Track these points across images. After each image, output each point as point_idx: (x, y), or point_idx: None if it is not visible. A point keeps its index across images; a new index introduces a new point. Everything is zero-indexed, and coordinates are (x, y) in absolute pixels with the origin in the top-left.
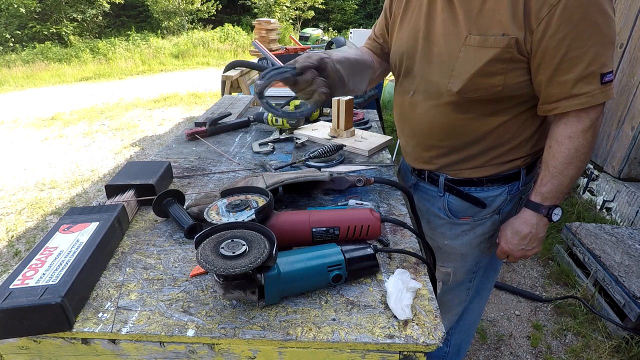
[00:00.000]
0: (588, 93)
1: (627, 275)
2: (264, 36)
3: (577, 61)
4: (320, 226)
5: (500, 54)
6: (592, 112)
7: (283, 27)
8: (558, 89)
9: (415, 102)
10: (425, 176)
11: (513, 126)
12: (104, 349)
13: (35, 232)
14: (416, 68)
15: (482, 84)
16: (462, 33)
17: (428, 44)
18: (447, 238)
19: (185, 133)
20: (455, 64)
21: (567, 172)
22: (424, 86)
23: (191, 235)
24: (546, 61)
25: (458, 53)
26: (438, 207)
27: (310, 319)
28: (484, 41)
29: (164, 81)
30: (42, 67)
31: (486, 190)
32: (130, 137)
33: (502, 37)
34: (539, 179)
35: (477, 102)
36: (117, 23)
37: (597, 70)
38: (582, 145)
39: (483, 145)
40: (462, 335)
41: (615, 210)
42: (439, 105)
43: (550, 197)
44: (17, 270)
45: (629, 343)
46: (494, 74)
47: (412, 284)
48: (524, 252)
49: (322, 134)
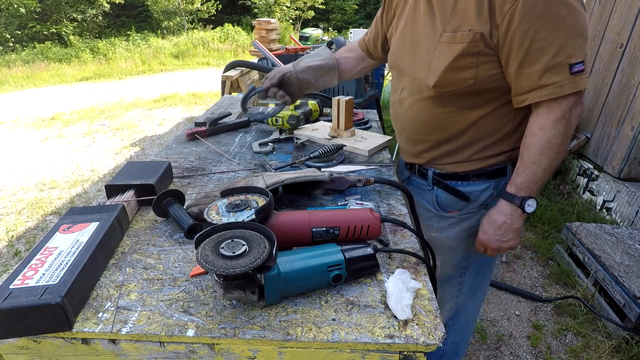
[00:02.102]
0: (556, 83)
1: (627, 275)
2: (264, 36)
3: (542, 53)
4: (320, 226)
5: (467, 48)
6: (562, 102)
7: (283, 27)
8: (526, 81)
9: (402, 98)
10: (416, 170)
11: (494, 119)
12: (104, 349)
13: (35, 232)
14: (405, 68)
15: (455, 77)
16: (438, 32)
17: (413, 44)
18: (435, 231)
19: (185, 133)
20: (431, 60)
21: (540, 162)
22: (409, 83)
23: (191, 235)
24: (513, 54)
25: (434, 50)
26: (427, 200)
27: (310, 319)
28: (454, 37)
29: (164, 81)
30: (42, 67)
31: (472, 185)
32: (130, 137)
33: (468, 32)
34: (515, 170)
35: (454, 95)
36: (117, 23)
37: (565, 61)
38: (553, 136)
39: (465, 138)
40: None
41: (615, 210)
42: (421, 100)
43: (524, 188)
44: (17, 270)
45: (629, 343)
46: (465, 68)
47: (412, 284)
48: (500, 244)
49: (322, 134)
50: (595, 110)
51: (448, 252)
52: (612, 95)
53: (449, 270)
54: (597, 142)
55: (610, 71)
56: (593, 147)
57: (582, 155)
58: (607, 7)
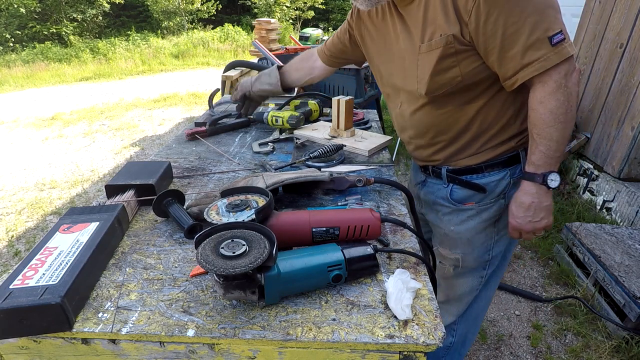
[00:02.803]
0: (540, 58)
1: (627, 275)
2: (264, 36)
3: (518, 35)
4: (320, 226)
5: (444, 51)
6: (553, 73)
7: (283, 27)
8: (510, 64)
9: (403, 111)
10: (430, 171)
11: (493, 108)
12: (104, 349)
13: (35, 232)
14: (399, 84)
15: (441, 80)
16: (416, 44)
17: (400, 61)
18: (453, 224)
19: (185, 133)
20: (417, 71)
21: (550, 135)
22: (405, 96)
23: (191, 235)
24: (490, 45)
25: (417, 62)
26: (442, 197)
27: (310, 319)
28: (430, 45)
29: (164, 81)
30: (42, 67)
31: (487, 176)
32: (130, 137)
33: (441, 37)
34: (529, 149)
35: (448, 95)
36: (117, 23)
37: (542, 35)
38: (555, 107)
39: (471, 132)
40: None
41: (615, 210)
42: (419, 107)
43: (542, 164)
44: (17, 270)
45: (629, 343)
46: (448, 69)
47: (412, 284)
48: (533, 225)
49: (322, 134)
50: (595, 110)
51: (468, 245)
52: (612, 95)
53: (470, 263)
54: (597, 142)
55: (610, 71)
56: (593, 147)
57: (582, 155)
58: (607, 7)
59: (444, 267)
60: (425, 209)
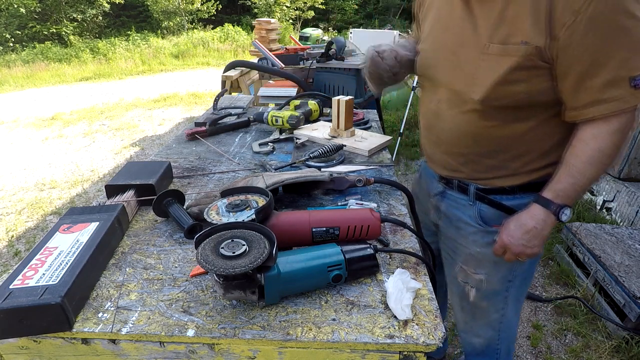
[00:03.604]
0: (617, 97)
1: (627, 275)
2: (264, 36)
3: (604, 66)
4: (320, 226)
5: (521, 62)
6: (622, 116)
7: (283, 27)
8: (585, 95)
9: (440, 110)
10: (454, 185)
11: (541, 132)
12: (104, 349)
13: (35, 232)
14: (439, 77)
15: (505, 91)
16: (482, 42)
17: (448, 53)
18: (479, 245)
19: (185, 133)
20: (476, 72)
21: (587, 172)
22: (447, 95)
23: (191, 235)
24: (572, 67)
25: (479, 62)
26: (469, 215)
27: (310, 319)
28: (504, 50)
29: (164, 81)
30: (42, 67)
31: (518, 198)
32: (130, 137)
33: (522, 45)
34: (556, 176)
35: (501, 108)
36: (117, 23)
37: (626, 74)
38: (607, 147)
39: (510, 151)
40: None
41: (615, 210)
42: (464, 113)
43: (563, 196)
44: (17, 270)
45: (629, 343)
46: (517, 82)
47: (412, 284)
48: (523, 249)
49: (322, 134)
50: None
51: (493, 266)
52: None
53: (494, 284)
54: None
55: None
56: None
57: None
58: None
59: (466, 288)
60: (445, 222)
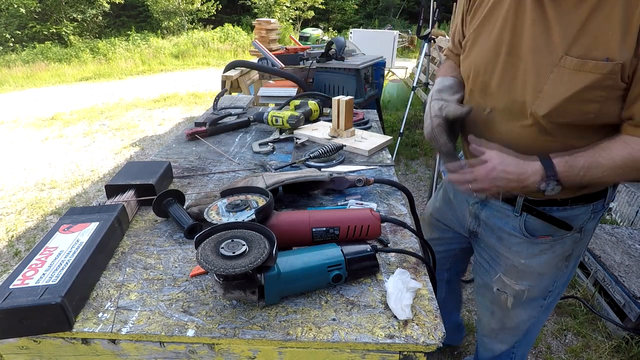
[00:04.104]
0: None
1: (627, 275)
2: (264, 36)
3: None
4: (320, 226)
5: (600, 80)
6: None
7: (283, 27)
8: None
9: (492, 120)
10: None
11: None
12: (104, 349)
13: (35, 232)
14: (495, 84)
15: (573, 110)
16: (556, 51)
17: (512, 58)
18: (524, 257)
19: (185, 133)
20: (544, 85)
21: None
22: (504, 104)
23: (191, 235)
24: None
25: (549, 73)
26: (512, 226)
27: (310, 319)
28: (583, 65)
29: (164, 81)
30: (42, 67)
31: (569, 210)
32: (130, 137)
33: (605, 62)
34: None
35: (563, 125)
36: (117, 23)
37: None
38: None
39: None
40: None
41: (615, 210)
42: (522, 127)
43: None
44: (17, 270)
45: (629, 343)
46: (590, 102)
47: (412, 284)
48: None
49: (322, 134)
50: None
51: (537, 278)
52: None
53: (534, 294)
54: None
55: None
56: None
57: None
58: None
59: (502, 296)
60: (485, 231)
